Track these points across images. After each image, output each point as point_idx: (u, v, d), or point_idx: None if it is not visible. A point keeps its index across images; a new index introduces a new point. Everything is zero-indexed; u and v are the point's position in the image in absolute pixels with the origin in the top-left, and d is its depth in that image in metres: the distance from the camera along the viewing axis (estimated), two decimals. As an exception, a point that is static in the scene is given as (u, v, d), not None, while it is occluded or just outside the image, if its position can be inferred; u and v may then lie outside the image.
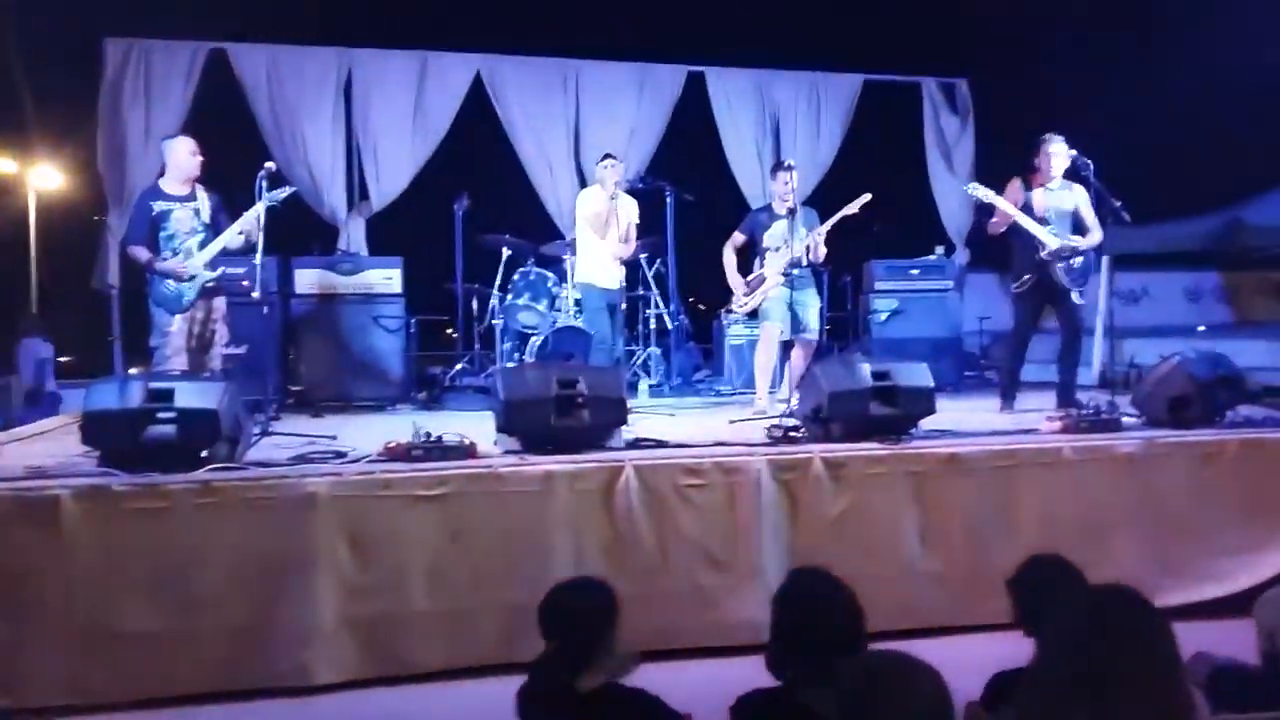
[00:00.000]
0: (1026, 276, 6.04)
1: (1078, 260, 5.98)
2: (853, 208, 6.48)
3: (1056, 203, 6.01)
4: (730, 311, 7.38)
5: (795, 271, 6.42)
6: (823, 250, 6.53)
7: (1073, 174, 6.07)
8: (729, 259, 6.75)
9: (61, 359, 10.29)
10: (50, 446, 5.05)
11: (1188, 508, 4.82)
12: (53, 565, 3.82)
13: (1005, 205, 5.96)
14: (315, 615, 3.98)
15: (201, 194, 5.80)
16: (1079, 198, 6.05)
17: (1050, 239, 5.90)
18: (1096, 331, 7.17)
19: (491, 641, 4.03)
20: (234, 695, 3.88)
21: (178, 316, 5.65)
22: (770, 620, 2.54)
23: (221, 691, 3.88)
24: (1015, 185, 6.08)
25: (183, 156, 5.75)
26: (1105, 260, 6.81)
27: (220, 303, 5.89)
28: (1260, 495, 4.88)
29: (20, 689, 3.74)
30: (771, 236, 6.61)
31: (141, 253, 5.68)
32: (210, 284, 5.76)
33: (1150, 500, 4.79)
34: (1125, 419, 5.26)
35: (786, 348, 6.63)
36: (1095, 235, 6.03)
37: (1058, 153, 5.99)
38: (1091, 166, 5.97)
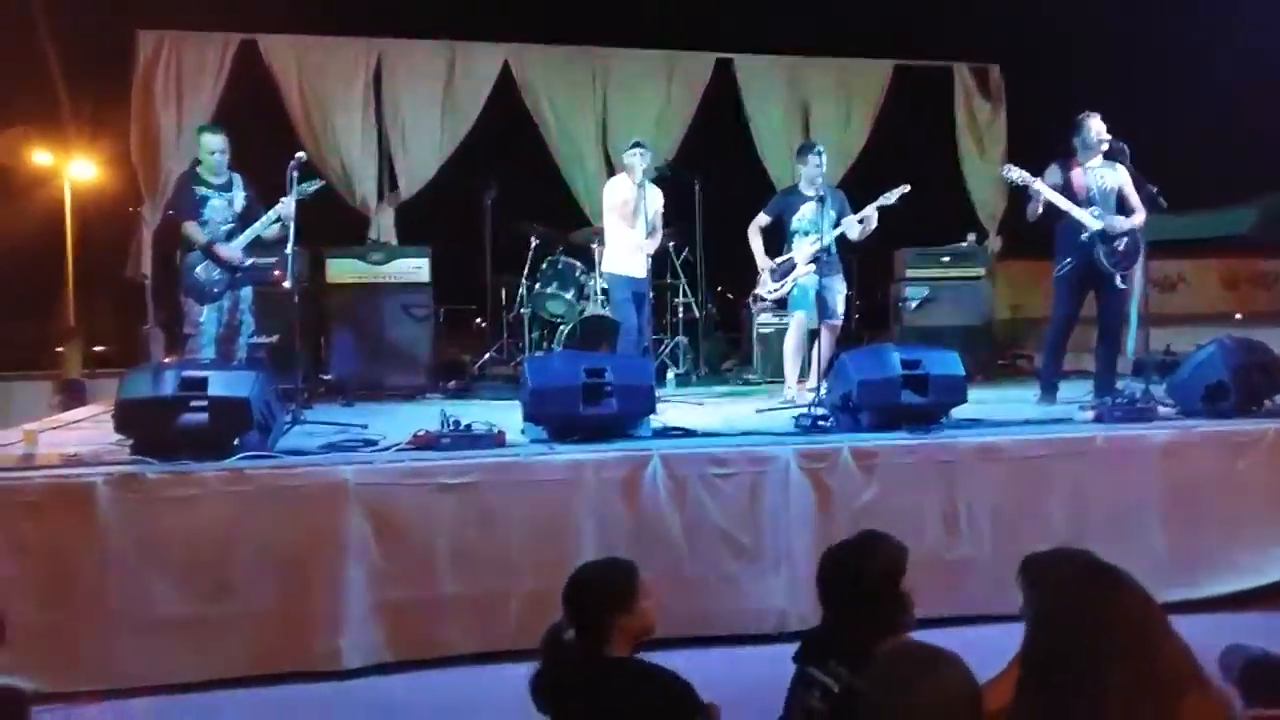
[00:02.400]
0: (1068, 260, 5.94)
1: (1122, 243, 5.87)
2: (890, 198, 6.37)
3: (1099, 181, 5.90)
4: (758, 298, 7.31)
5: (824, 257, 6.36)
6: (870, 228, 6.44)
7: (1111, 157, 5.97)
8: (755, 239, 6.65)
9: (96, 348, 10.42)
10: (85, 435, 5.12)
11: (1222, 498, 4.76)
12: (87, 551, 3.89)
13: (1041, 186, 5.85)
14: (345, 601, 4.03)
15: (237, 185, 5.87)
16: (1121, 176, 5.93)
17: (1092, 221, 5.80)
18: (1132, 319, 7.07)
19: (518, 627, 4.05)
20: (265, 679, 3.93)
21: (207, 306, 5.72)
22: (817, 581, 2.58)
23: (253, 676, 3.93)
24: (1053, 169, 5.98)
25: (204, 154, 5.85)
26: (1142, 247, 6.70)
27: (248, 293, 5.95)
28: (1298, 485, 4.81)
29: (55, 673, 3.80)
30: (800, 220, 6.53)
31: (198, 231, 5.75)
32: (239, 274, 5.82)
33: (1184, 490, 4.73)
34: (1160, 408, 5.19)
35: (814, 335, 6.59)
36: (1140, 215, 5.91)
37: (1100, 129, 5.86)
38: (1127, 151, 5.87)
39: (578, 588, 2.63)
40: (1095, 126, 5.89)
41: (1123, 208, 5.93)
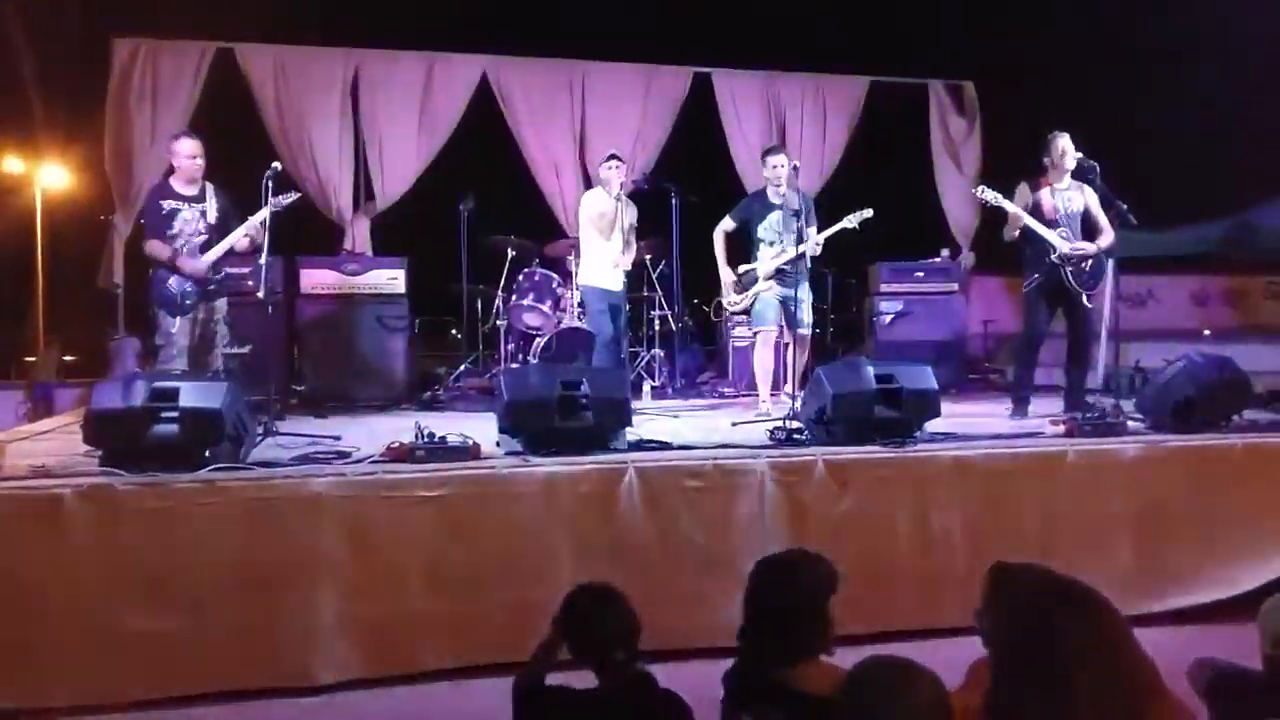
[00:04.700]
0: (1035, 276, 6.02)
1: (1088, 263, 5.96)
2: (851, 222, 6.45)
3: (1066, 203, 5.99)
4: (721, 309, 7.26)
5: (789, 268, 6.39)
6: (819, 245, 6.51)
7: (1079, 175, 6.05)
8: (720, 246, 6.65)
9: (66, 358, 10.29)
10: (53, 446, 5.05)
11: (1192, 511, 4.82)
12: (56, 565, 3.84)
13: (1012, 207, 5.94)
14: (318, 615, 4.00)
15: (210, 195, 5.79)
16: (1088, 197, 6.03)
17: (1060, 242, 5.89)
18: (1101, 335, 7.16)
19: (493, 641, 4.03)
20: (237, 695, 3.89)
21: (178, 318, 5.66)
22: (745, 596, 2.59)
23: (224, 692, 3.89)
24: (1023, 189, 6.06)
25: (182, 160, 5.76)
26: (1110, 263, 6.80)
27: (222, 304, 5.90)
28: (1264, 499, 4.89)
29: (24, 689, 3.74)
30: (766, 229, 6.56)
31: (163, 249, 5.68)
32: (212, 286, 5.77)
33: (1154, 504, 4.79)
34: (1130, 423, 5.25)
35: (784, 349, 6.61)
36: (1106, 236, 6.01)
37: (1067, 148, 5.95)
38: (1098, 168, 5.95)
39: (593, 632, 2.56)
40: (1064, 146, 5.97)
41: (1089, 228, 6.03)
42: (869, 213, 6.40)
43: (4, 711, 3.56)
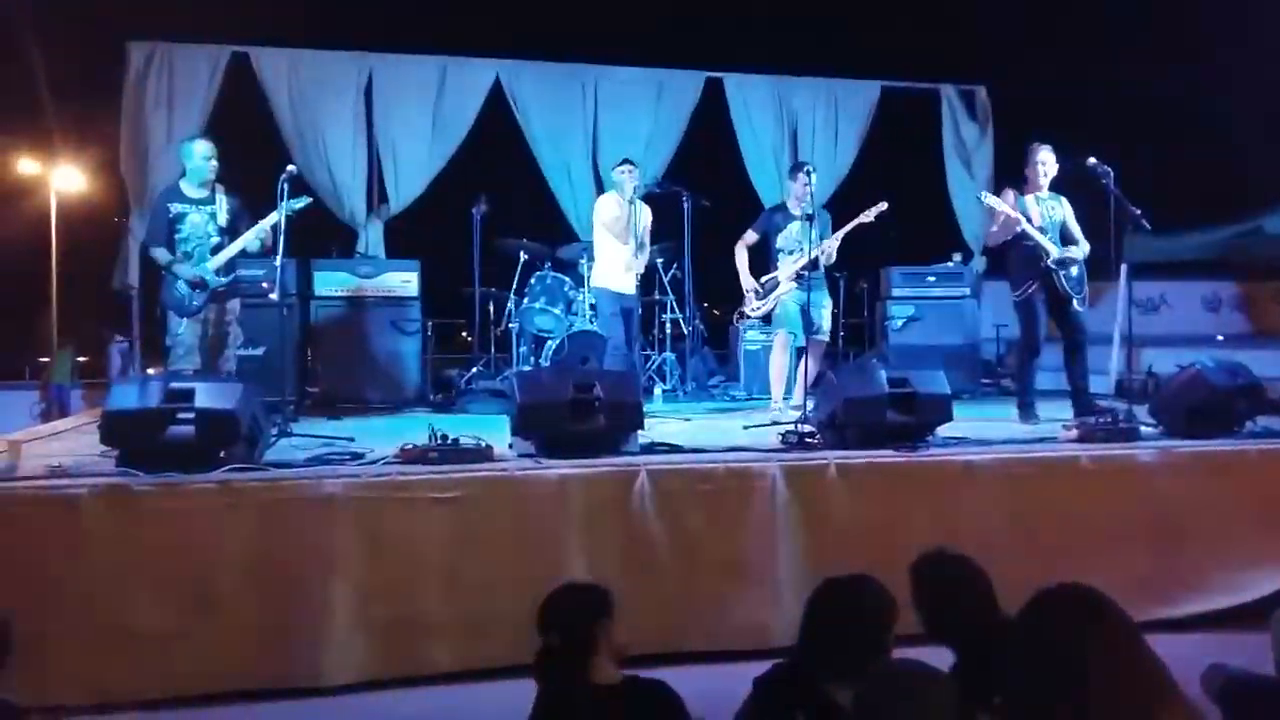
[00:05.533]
0: (1027, 283, 6.07)
1: (1075, 268, 6.05)
2: (868, 216, 6.48)
3: (1049, 213, 6.11)
4: (743, 316, 7.32)
5: (809, 274, 6.42)
6: (833, 254, 6.56)
7: (1092, 179, 6.05)
8: (742, 258, 6.72)
9: (80, 359, 10.35)
10: (70, 446, 5.09)
11: (1204, 518, 4.80)
12: (72, 564, 3.87)
13: (1014, 212, 5.99)
14: (331, 616, 4.01)
15: (221, 197, 5.82)
16: (1066, 209, 6.18)
17: (1053, 247, 5.98)
18: (1114, 340, 7.14)
19: (506, 643, 4.02)
20: (250, 696, 3.91)
21: (185, 319, 5.70)
22: (804, 616, 2.56)
23: (237, 692, 3.90)
24: (1009, 195, 6.12)
25: (197, 161, 5.80)
26: (1124, 268, 6.80)
27: (234, 305, 5.93)
28: (1278, 505, 4.86)
29: (38, 686, 3.76)
30: (786, 238, 6.61)
31: (163, 254, 5.74)
32: (223, 288, 5.79)
33: (1167, 510, 4.78)
34: (1143, 428, 5.24)
35: (800, 353, 6.62)
36: (1084, 246, 6.13)
37: (1047, 160, 6.09)
38: (1111, 174, 5.95)
39: (557, 603, 2.67)
40: (1043, 158, 6.07)
41: (1065, 240, 6.12)
42: (884, 206, 6.43)
43: (18, 708, 3.58)
